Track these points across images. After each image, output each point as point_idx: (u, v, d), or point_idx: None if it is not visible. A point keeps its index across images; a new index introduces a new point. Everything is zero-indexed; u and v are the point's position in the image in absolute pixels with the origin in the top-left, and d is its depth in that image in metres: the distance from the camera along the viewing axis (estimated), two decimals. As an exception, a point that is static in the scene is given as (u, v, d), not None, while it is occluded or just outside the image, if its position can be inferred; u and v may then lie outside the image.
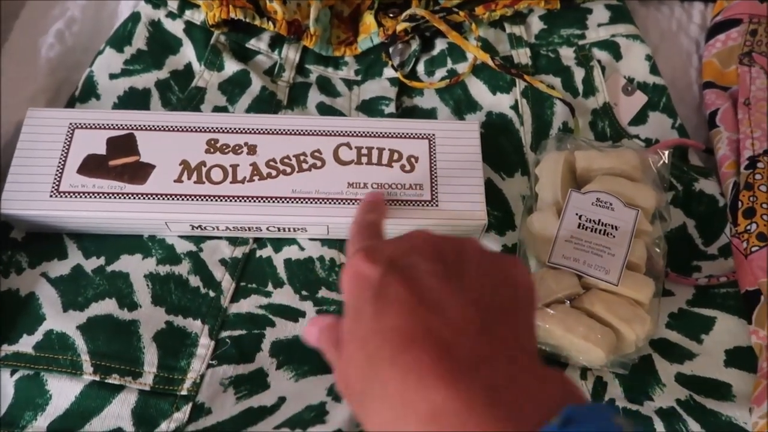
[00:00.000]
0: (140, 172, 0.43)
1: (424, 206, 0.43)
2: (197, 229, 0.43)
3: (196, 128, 0.45)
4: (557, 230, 0.41)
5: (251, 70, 0.51)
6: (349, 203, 0.43)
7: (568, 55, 0.54)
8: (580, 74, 0.53)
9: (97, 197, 0.42)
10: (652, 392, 0.41)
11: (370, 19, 0.53)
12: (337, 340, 0.29)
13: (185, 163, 0.43)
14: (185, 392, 0.39)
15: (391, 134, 0.46)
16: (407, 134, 0.46)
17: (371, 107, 0.51)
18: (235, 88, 0.50)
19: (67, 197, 0.42)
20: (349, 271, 0.29)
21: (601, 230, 0.41)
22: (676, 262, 0.45)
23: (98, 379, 0.38)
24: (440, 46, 0.54)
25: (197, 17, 0.52)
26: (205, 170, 0.43)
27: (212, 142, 0.44)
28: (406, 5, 0.54)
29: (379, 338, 0.25)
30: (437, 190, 0.44)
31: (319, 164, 0.44)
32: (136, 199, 0.42)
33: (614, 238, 0.40)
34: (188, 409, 0.38)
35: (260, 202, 0.43)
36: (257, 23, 0.50)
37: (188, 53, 0.52)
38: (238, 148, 0.44)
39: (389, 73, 0.53)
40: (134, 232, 0.44)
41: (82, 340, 0.39)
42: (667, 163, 0.45)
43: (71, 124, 0.44)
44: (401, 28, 0.52)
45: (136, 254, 0.43)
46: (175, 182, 0.43)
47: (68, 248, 0.43)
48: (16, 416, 0.37)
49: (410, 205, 0.43)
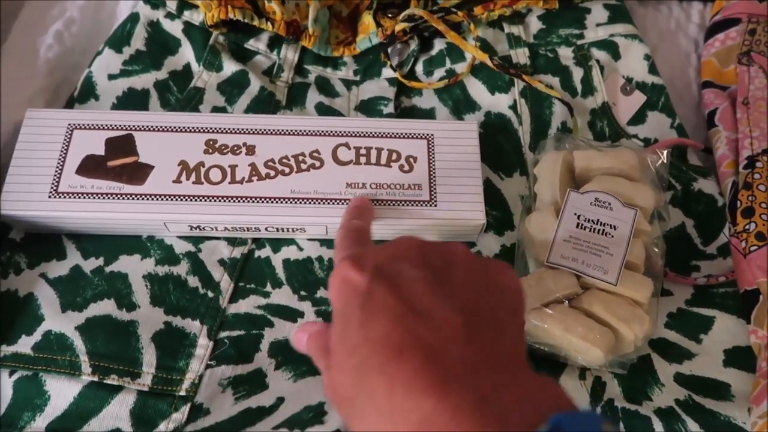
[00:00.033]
0: (139, 172, 0.43)
1: (422, 206, 0.43)
2: (196, 229, 0.43)
3: (194, 129, 0.45)
4: (556, 230, 0.41)
5: (250, 70, 0.51)
6: (347, 203, 0.43)
7: (566, 54, 0.54)
8: (578, 74, 0.53)
9: (95, 198, 0.42)
10: (650, 392, 0.41)
11: (368, 19, 0.53)
12: (325, 346, 0.29)
13: (184, 163, 0.43)
14: (184, 393, 0.39)
15: (389, 134, 0.46)
16: (406, 134, 0.46)
17: (370, 107, 0.51)
18: (233, 88, 0.50)
19: (65, 198, 0.42)
20: (336, 278, 0.28)
21: (599, 230, 0.41)
22: (674, 261, 0.45)
23: (97, 379, 0.38)
24: (439, 46, 0.54)
25: (196, 18, 0.52)
26: (203, 171, 0.43)
27: (211, 142, 0.44)
28: (404, 5, 0.54)
29: (367, 346, 0.24)
30: (436, 190, 0.44)
31: (317, 164, 0.44)
32: (134, 199, 0.42)
33: (613, 237, 0.40)
34: (187, 409, 0.38)
35: (259, 202, 0.43)
36: (256, 24, 0.50)
37: (187, 54, 0.52)
38: (236, 148, 0.44)
39: (388, 73, 0.53)
40: (133, 232, 0.44)
41: (80, 340, 0.39)
42: (665, 162, 0.45)
43: (70, 124, 0.44)
44: (400, 28, 0.52)
45: (134, 255, 0.43)
46: (173, 183, 0.43)
47: (67, 249, 0.43)
48: (14, 417, 0.37)
49: (409, 205, 0.43)
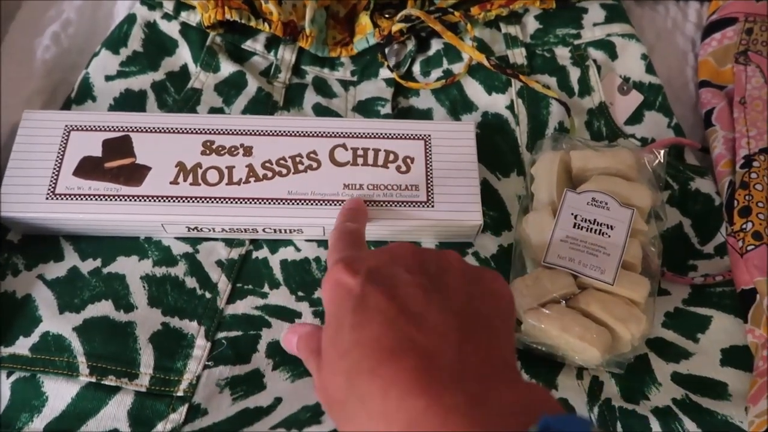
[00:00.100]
0: (136, 173, 0.43)
1: (419, 207, 0.43)
2: (193, 230, 0.43)
3: (192, 130, 0.45)
4: (553, 230, 0.41)
5: (247, 71, 0.51)
6: (344, 204, 0.43)
7: (563, 54, 0.54)
8: (575, 74, 0.53)
9: (93, 199, 0.42)
10: (648, 391, 0.41)
11: (365, 19, 0.53)
12: (316, 348, 0.29)
13: (181, 164, 0.43)
14: (181, 393, 0.39)
15: (386, 135, 0.46)
16: (403, 135, 0.46)
17: (367, 108, 0.51)
18: (231, 89, 0.50)
19: (63, 199, 0.42)
20: (329, 281, 0.28)
21: (596, 230, 0.41)
22: (671, 261, 0.45)
23: (94, 380, 0.38)
24: (436, 46, 0.54)
25: (193, 18, 0.52)
26: (201, 172, 0.43)
27: (208, 143, 0.44)
28: (401, 6, 0.54)
29: (359, 349, 0.25)
30: (433, 190, 0.44)
31: (315, 165, 0.44)
32: (132, 201, 0.42)
33: (610, 237, 0.40)
34: (184, 410, 0.38)
35: (256, 203, 0.43)
36: (253, 24, 0.50)
37: (184, 55, 0.52)
38: (234, 149, 0.44)
39: (385, 73, 0.53)
40: (130, 233, 0.44)
41: (78, 341, 0.39)
42: (662, 162, 0.45)
43: (67, 126, 0.44)
44: (397, 28, 0.52)
45: (132, 256, 0.43)
46: (171, 184, 0.43)
47: (64, 250, 0.43)
48: (12, 418, 0.37)
49: (406, 206, 0.43)
